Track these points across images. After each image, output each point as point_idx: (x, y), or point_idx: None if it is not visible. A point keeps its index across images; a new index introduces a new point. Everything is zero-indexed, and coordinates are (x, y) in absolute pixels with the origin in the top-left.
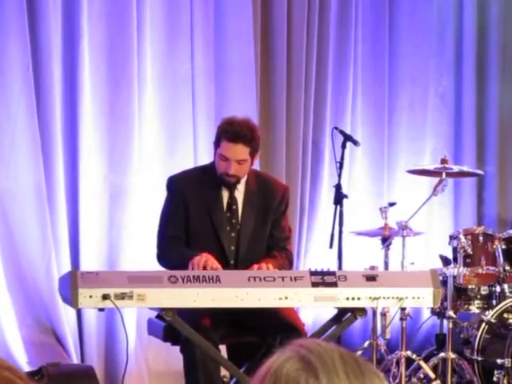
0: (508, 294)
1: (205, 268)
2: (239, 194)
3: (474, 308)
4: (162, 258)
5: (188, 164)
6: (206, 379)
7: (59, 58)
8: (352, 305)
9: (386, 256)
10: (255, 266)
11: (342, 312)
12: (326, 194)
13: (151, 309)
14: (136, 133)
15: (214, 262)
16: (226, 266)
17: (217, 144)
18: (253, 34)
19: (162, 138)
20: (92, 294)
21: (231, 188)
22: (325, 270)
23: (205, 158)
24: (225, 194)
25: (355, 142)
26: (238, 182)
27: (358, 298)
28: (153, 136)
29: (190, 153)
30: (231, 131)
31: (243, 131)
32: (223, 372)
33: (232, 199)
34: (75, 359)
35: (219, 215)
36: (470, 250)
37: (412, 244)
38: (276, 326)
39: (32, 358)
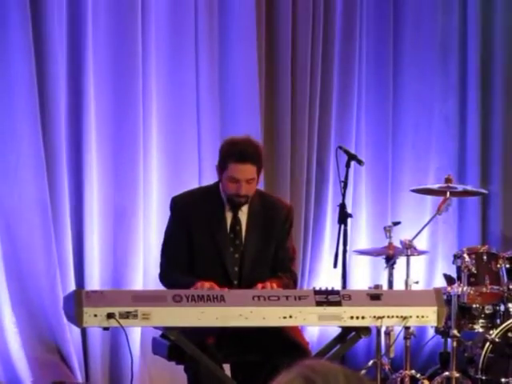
0: None
1: None
2: (243, 214)
3: (478, 327)
4: (164, 278)
5: (193, 183)
6: None
7: (65, 77)
8: (356, 324)
9: (391, 275)
10: (259, 285)
11: (347, 331)
12: (331, 213)
13: (156, 328)
14: (140, 151)
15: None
16: (229, 286)
17: (223, 167)
18: (257, 51)
19: (166, 157)
20: (97, 312)
21: (235, 209)
22: (329, 289)
23: (209, 176)
24: (228, 215)
25: (359, 162)
26: (247, 201)
27: (363, 317)
28: (157, 155)
29: (194, 173)
30: (237, 152)
31: (249, 150)
32: None
33: (236, 220)
34: (80, 378)
35: (222, 236)
36: (474, 269)
37: (416, 263)
38: (280, 345)
39: (37, 377)
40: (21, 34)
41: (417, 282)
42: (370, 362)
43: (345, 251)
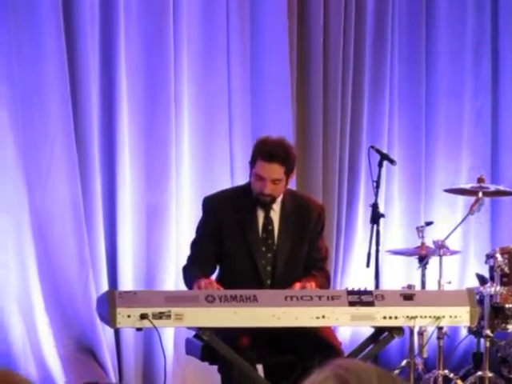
0: None
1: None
2: (275, 214)
3: (511, 327)
4: (184, 271)
5: (224, 183)
6: None
7: (97, 79)
8: (389, 324)
9: (423, 275)
10: (298, 284)
11: (379, 331)
12: (363, 213)
13: (189, 328)
14: (173, 152)
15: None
16: (261, 286)
17: (252, 163)
18: (288, 52)
19: (198, 157)
20: (130, 313)
21: (267, 208)
22: (362, 289)
23: (241, 177)
24: (260, 215)
25: (392, 161)
26: (273, 201)
27: (395, 317)
28: (189, 155)
29: (226, 171)
30: (266, 151)
31: (278, 151)
32: None
33: (268, 220)
34: (113, 379)
35: (254, 236)
36: (506, 269)
37: (449, 263)
38: (313, 346)
39: (70, 378)
40: (53, 37)
41: (449, 282)
42: (403, 362)
43: (377, 251)
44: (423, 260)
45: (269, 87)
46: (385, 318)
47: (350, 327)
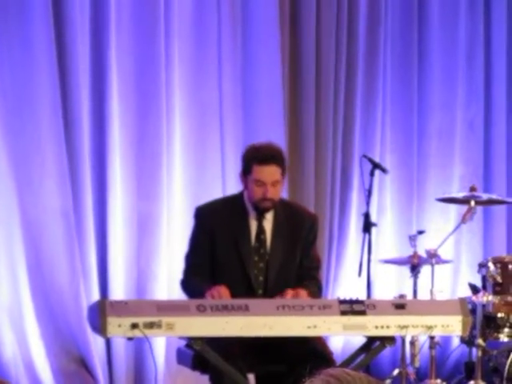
0: None
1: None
2: (268, 223)
3: (504, 336)
4: (183, 285)
5: (216, 192)
6: None
7: (87, 86)
8: (381, 333)
9: (415, 284)
10: (289, 293)
11: (371, 340)
12: (355, 222)
13: (180, 338)
14: (164, 161)
15: (227, 294)
16: (252, 296)
17: (247, 172)
18: (280, 62)
19: (190, 167)
20: (121, 322)
21: (260, 217)
22: (354, 298)
23: (233, 186)
24: (253, 224)
25: (384, 170)
26: (273, 206)
27: (387, 327)
28: (181, 164)
29: (218, 181)
30: (260, 155)
31: (273, 152)
32: None
33: (260, 229)
34: None
35: (247, 245)
36: (499, 279)
37: (441, 272)
38: (304, 355)
39: None
40: (44, 48)
41: (441, 291)
42: (395, 372)
43: (369, 260)
44: (415, 269)
45: (261, 96)
46: (376, 327)
47: (341, 336)
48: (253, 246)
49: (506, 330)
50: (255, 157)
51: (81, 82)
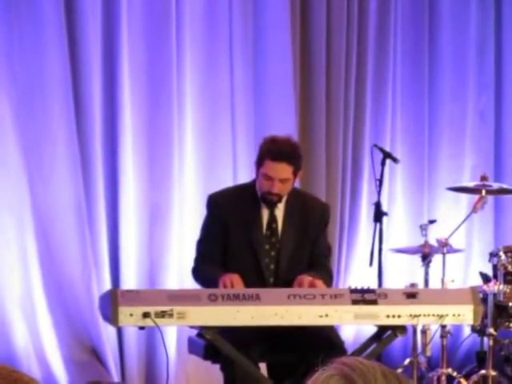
0: None
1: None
2: (279, 212)
3: None
4: (195, 272)
5: (227, 181)
6: None
7: (99, 75)
8: (392, 322)
9: (426, 273)
10: (306, 280)
11: (383, 330)
12: (366, 212)
13: (191, 327)
14: (175, 151)
15: (240, 282)
16: (264, 284)
17: (259, 163)
18: (291, 50)
19: (201, 156)
20: (132, 312)
21: (271, 206)
22: (365, 287)
23: (244, 174)
24: (265, 213)
25: (395, 160)
26: (279, 200)
27: (399, 316)
28: (192, 154)
29: (229, 170)
30: (274, 150)
31: (286, 150)
32: None
33: (272, 217)
34: (116, 378)
35: (258, 234)
36: (510, 267)
37: (452, 261)
38: (316, 344)
39: (73, 377)
40: (56, 37)
41: (453, 281)
42: (407, 361)
43: (380, 249)
44: (426, 258)
45: (272, 86)
46: (388, 316)
47: (353, 326)
48: (264, 234)
49: None
50: (269, 151)
51: (92, 70)
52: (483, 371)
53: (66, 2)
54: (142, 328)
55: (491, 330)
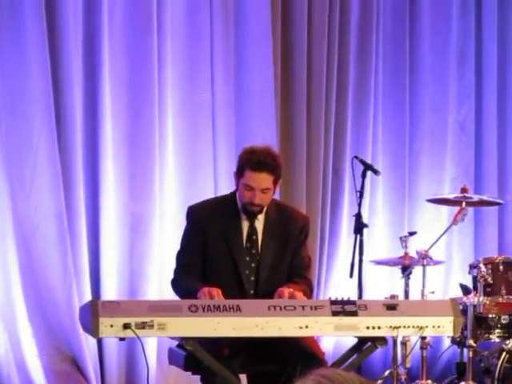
0: None
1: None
2: (259, 223)
3: (495, 337)
4: (174, 283)
5: (208, 192)
6: None
7: (80, 86)
8: (372, 334)
9: (407, 285)
10: (286, 292)
11: (363, 341)
12: (346, 223)
13: (172, 338)
14: (156, 162)
15: (219, 295)
16: (244, 296)
17: (239, 174)
18: (272, 62)
19: (182, 167)
20: (113, 323)
21: (252, 218)
22: (345, 299)
23: (225, 186)
24: (245, 224)
25: (375, 172)
26: (261, 211)
27: (379, 327)
28: (173, 165)
29: (210, 181)
30: (255, 160)
31: (267, 159)
32: None
33: (252, 229)
34: None
35: (238, 245)
36: (490, 279)
37: (432, 273)
38: (296, 355)
39: None
40: (37, 48)
41: (433, 292)
42: (387, 373)
43: (361, 261)
44: (406, 270)
45: (253, 97)
46: (368, 327)
47: (333, 337)
48: (244, 246)
49: (497, 330)
50: (249, 162)
51: (73, 81)
52: (463, 383)
53: (47, 12)
54: (122, 339)
55: (471, 342)
